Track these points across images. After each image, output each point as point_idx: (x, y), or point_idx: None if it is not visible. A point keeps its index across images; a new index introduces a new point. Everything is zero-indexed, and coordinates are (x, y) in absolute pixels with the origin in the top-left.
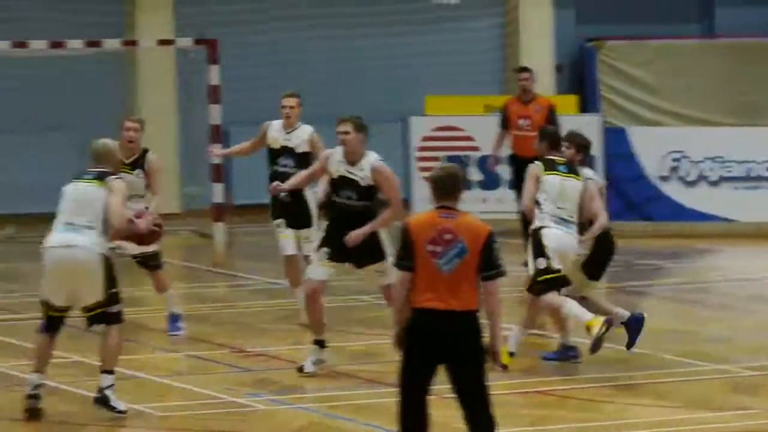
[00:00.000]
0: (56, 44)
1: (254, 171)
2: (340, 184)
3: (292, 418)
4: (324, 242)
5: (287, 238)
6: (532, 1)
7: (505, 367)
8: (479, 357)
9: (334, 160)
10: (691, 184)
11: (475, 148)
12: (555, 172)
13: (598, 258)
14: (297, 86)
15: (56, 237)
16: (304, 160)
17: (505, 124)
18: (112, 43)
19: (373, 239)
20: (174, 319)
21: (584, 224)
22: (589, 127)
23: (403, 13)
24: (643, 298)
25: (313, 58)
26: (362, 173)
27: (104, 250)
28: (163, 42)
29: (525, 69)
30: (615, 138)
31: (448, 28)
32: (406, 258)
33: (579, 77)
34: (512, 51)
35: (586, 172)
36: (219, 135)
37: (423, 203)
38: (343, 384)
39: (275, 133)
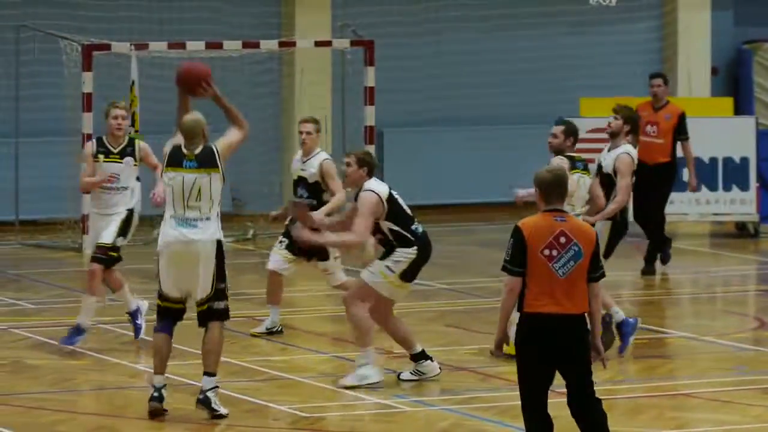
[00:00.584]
0: (213, 45)
1: (405, 173)
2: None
3: (437, 419)
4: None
5: (277, 254)
6: (691, 3)
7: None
8: (588, 357)
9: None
10: None
11: None
12: (575, 171)
13: (610, 241)
14: (450, 88)
15: (173, 232)
16: (316, 190)
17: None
18: (269, 44)
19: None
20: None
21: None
22: (744, 129)
23: (559, 15)
24: None
25: (467, 60)
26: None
27: (221, 237)
28: (321, 43)
29: (658, 75)
30: None
31: (605, 30)
32: (519, 263)
33: (735, 79)
34: (669, 53)
35: (626, 147)
36: (373, 137)
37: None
38: (490, 385)
39: (295, 163)
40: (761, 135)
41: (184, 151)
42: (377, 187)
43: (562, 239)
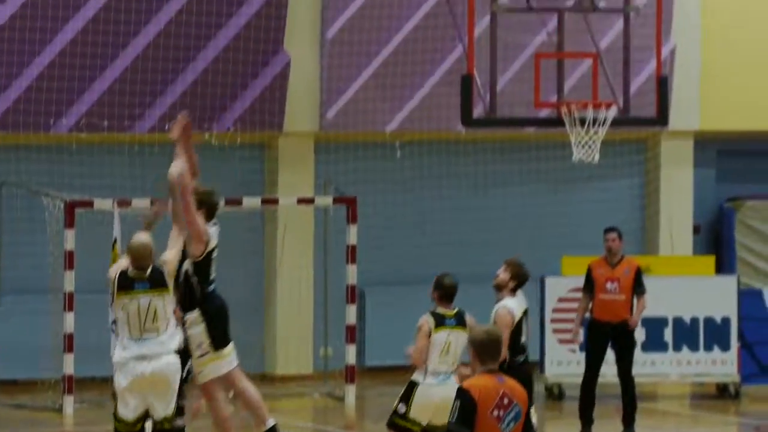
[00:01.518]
0: None
1: (387, 332)
2: None
3: None
4: None
5: None
6: (674, 160)
7: None
8: None
9: None
10: None
11: None
12: (443, 328)
13: None
14: (434, 245)
15: (134, 350)
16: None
17: (590, 287)
18: (251, 201)
19: None
20: None
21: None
22: (725, 288)
23: (542, 172)
24: None
25: (450, 218)
26: None
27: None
28: (303, 200)
29: (613, 229)
30: (751, 300)
31: (588, 187)
32: (467, 424)
33: (717, 237)
34: (652, 211)
35: (506, 301)
36: (354, 296)
37: (555, 365)
38: None
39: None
40: (743, 294)
41: (132, 274)
42: (210, 229)
43: (506, 400)
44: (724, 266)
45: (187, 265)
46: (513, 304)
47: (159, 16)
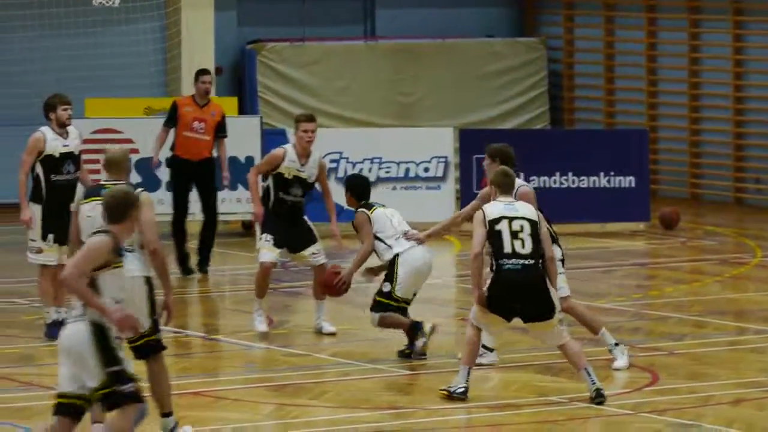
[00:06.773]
0: None
1: None
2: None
3: None
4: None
5: (270, 251)
6: (194, 3)
7: None
8: None
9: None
10: None
11: (135, 150)
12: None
13: None
14: None
15: None
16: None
17: (174, 123)
18: None
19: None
20: None
21: None
22: (249, 128)
23: (62, 16)
24: (297, 299)
25: None
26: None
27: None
28: None
29: (207, 72)
30: (274, 140)
31: (109, 30)
32: None
33: (239, 79)
34: (174, 53)
35: None
36: None
37: None
38: None
39: (290, 163)
40: (267, 134)
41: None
42: None
43: None
44: (246, 107)
45: None
46: None
47: None
